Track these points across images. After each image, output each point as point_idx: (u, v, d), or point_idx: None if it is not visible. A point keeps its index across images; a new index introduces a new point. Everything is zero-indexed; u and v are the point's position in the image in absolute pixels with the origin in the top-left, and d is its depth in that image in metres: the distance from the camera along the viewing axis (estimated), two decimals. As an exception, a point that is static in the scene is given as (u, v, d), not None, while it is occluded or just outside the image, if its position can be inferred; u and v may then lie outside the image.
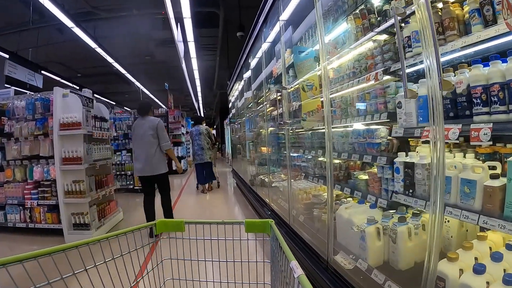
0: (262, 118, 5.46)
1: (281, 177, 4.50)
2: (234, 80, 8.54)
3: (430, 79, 1.47)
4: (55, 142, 4.11)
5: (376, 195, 2.22)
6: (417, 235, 1.95)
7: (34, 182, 4.56)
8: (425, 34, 1.49)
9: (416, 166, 1.74)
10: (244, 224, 1.33)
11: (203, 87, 15.56)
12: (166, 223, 1.39)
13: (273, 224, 1.28)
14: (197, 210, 6.13)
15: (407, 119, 1.84)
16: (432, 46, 1.41)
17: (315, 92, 2.90)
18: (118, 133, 8.36)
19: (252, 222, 1.33)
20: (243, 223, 1.33)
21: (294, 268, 0.83)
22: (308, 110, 2.84)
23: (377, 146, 2.25)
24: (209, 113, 32.00)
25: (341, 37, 2.58)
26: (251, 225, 1.33)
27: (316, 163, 3.23)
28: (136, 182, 7.90)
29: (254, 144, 6.20)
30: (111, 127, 5.12)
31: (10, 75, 6.65)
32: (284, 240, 1.07)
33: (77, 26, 6.72)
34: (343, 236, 2.36)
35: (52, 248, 0.95)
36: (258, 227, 1.32)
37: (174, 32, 6.23)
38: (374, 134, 2.33)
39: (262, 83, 4.92)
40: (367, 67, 2.35)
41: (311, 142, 3.33)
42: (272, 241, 1.24)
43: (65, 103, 4.20)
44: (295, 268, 0.82)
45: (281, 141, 4.42)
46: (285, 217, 3.43)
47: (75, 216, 4.12)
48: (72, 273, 1.00)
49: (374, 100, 2.30)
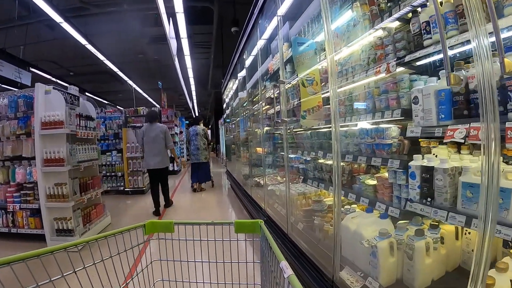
0: (257, 117, 5.24)
1: (278, 180, 4.26)
2: (228, 78, 8.27)
3: (480, 63, 1.20)
4: (36, 142, 3.84)
5: (387, 203, 2.00)
6: (436, 250, 1.73)
7: (16, 184, 4.28)
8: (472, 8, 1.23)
9: (436, 171, 1.53)
10: (233, 225, 1.33)
11: (197, 86, 15.31)
12: (155, 224, 1.37)
13: (262, 224, 1.28)
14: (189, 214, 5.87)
15: (425, 117, 1.61)
16: (483, 23, 1.17)
17: (316, 88, 2.67)
18: (108, 132, 8.07)
19: (242, 222, 1.33)
20: (233, 223, 1.33)
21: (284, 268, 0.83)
22: (308, 108, 2.62)
23: (388, 147, 2.03)
24: (204, 113, 31.72)
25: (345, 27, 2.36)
26: (240, 225, 1.33)
27: (316, 165, 3.00)
28: (126, 184, 7.63)
29: (248, 145, 5.94)
30: (98, 126, 4.84)
31: (-5, 73, 6.35)
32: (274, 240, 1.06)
33: (66, 21, 6.42)
34: (349, 249, 2.13)
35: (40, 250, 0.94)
36: (248, 227, 1.32)
37: (165, 27, 5.96)
38: (384, 134, 2.11)
39: (257, 81, 4.68)
40: (376, 58, 2.13)
41: (311, 142, 3.11)
42: (262, 241, 1.24)
43: (48, 101, 3.92)
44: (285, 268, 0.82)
45: (278, 142, 4.18)
46: (283, 225, 3.18)
47: (58, 222, 3.85)
48: (61, 275, 0.99)
49: (384, 96, 2.07)
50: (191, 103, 21.04)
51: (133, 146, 7.50)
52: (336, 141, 2.12)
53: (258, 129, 5.02)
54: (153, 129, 5.58)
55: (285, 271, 0.81)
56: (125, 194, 7.66)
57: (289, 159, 3.67)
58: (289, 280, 0.76)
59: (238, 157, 7.97)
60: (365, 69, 2.18)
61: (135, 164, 7.59)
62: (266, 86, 4.48)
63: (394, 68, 1.85)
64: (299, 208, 3.04)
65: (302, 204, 3.05)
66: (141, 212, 5.92)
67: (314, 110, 2.60)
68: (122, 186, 7.80)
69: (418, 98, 1.66)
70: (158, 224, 1.37)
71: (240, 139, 7.26)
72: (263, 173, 4.42)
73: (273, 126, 4.27)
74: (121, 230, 1.25)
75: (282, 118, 2.99)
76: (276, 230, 3.27)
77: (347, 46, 2.31)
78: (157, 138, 5.54)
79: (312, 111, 2.60)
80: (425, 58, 1.78)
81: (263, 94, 4.43)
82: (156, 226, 1.37)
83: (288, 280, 0.77)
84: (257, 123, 5.08)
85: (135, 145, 7.50)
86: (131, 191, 7.63)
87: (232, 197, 7.13)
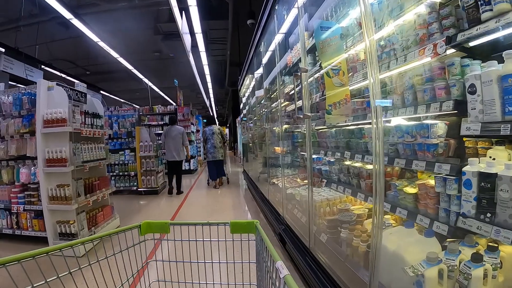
0: (275, 114, 4.87)
1: (297, 182, 3.86)
2: (244, 74, 7.89)
3: None
4: (38, 141, 3.61)
5: (431, 216, 1.62)
6: (495, 278, 1.34)
7: (21, 184, 4.08)
8: None
9: (501, 180, 1.18)
10: (229, 225, 1.32)
11: (214, 84, 15.08)
12: (151, 224, 1.35)
13: (258, 224, 1.27)
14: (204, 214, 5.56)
15: (486, 110, 1.27)
16: None
17: (343, 79, 2.27)
18: (121, 131, 7.87)
19: (238, 223, 1.31)
20: (228, 224, 1.32)
21: (279, 268, 0.82)
22: (334, 101, 2.22)
23: (434, 148, 1.64)
24: (221, 112, 31.63)
25: (376, 5, 1.97)
26: (236, 226, 1.32)
27: (342, 167, 2.61)
28: (139, 184, 7.41)
29: (266, 144, 5.56)
30: (106, 124, 4.58)
31: (5, 71, 6.22)
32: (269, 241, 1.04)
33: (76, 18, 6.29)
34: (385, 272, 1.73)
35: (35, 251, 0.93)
36: (244, 228, 1.31)
37: (177, 21, 5.66)
38: (429, 132, 1.71)
39: (275, 76, 4.29)
40: (417, 39, 1.74)
41: (335, 141, 2.72)
42: (258, 241, 1.23)
43: (51, 97, 3.69)
44: (281, 268, 0.81)
45: (297, 140, 3.79)
46: (304, 237, 2.76)
47: (61, 225, 3.60)
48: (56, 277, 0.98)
49: (429, 85, 1.67)
50: (208, 101, 20.86)
51: (146, 145, 7.26)
52: (378, 140, 1.71)
53: (276, 127, 4.66)
54: (173, 130, 7.21)
55: (281, 271, 0.80)
56: (138, 194, 7.44)
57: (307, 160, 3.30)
58: (285, 280, 0.76)
59: (255, 156, 7.63)
60: (403, 54, 1.79)
61: (148, 163, 7.33)
62: (285, 81, 4.10)
63: (443, 49, 1.47)
64: (322, 216, 2.65)
65: (325, 212, 2.66)
66: (153, 213, 5.67)
67: (341, 104, 2.21)
68: (135, 186, 7.58)
69: (475, 87, 1.30)
70: (153, 224, 1.35)
71: (257, 138, 6.96)
72: (281, 174, 4.04)
73: (292, 124, 3.88)
74: (116, 230, 1.24)
75: (304, 112, 2.57)
76: (296, 242, 2.86)
77: (379, 27, 1.93)
78: (176, 137, 7.13)
79: (339, 105, 2.21)
80: (481, 37, 1.38)
81: (282, 89, 4.05)
82: (152, 226, 1.35)
83: (284, 280, 0.76)
84: (275, 121, 4.71)
85: (148, 143, 7.28)
86: (144, 191, 7.40)
87: (249, 198, 6.78)
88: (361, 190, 2.33)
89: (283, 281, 0.76)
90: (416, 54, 1.64)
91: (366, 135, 2.36)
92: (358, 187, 2.40)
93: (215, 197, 7.17)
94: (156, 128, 11.43)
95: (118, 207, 4.92)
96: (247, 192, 7.55)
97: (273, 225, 3.87)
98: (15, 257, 0.89)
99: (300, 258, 2.49)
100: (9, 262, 0.87)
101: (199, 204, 6.42)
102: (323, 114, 2.83)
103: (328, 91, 2.28)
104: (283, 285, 0.76)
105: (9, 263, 0.87)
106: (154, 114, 11.46)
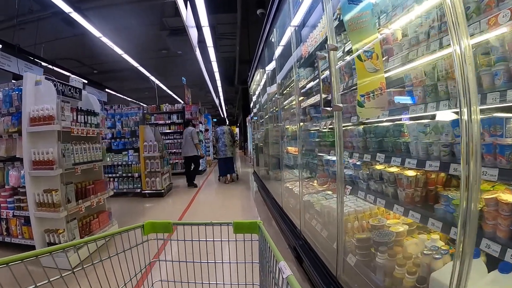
0: (289, 111, 4.39)
1: (315, 187, 3.38)
2: (255, 67, 7.37)
3: None
4: (24, 141, 3.23)
5: (503, 242, 1.16)
6: None
7: (11, 188, 3.73)
8: None
9: None
10: (232, 225, 1.30)
11: (224, 83, 14.66)
12: (154, 224, 1.34)
13: (261, 224, 1.24)
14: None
15: None
16: None
17: (377, 63, 1.81)
18: (124, 130, 7.49)
19: (240, 223, 1.29)
20: (231, 223, 1.30)
21: (282, 268, 0.80)
22: (367, 91, 1.76)
23: (510, 150, 1.18)
24: (231, 111, 31.20)
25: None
26: (239, 226, 1.29)
27: (373, 173, 2.14)
28: (143, 186, 7.01)
29: (278, 143, 5.06)
30: (102, 122, 4.18)
31: (2, 68, 5.90)
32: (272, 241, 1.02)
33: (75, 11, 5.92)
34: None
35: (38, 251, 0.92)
36: (247, 228, 1.28)
37: (181, 12, 5.24)
38: (503, 129, 1.26)
39: (291, 67, 3.79)
40: (479, 8, 1.28)
41: (363, 141, 2.25)
42: (261, 241, 1.21)
43: (39, 93, 3.30)
44: (284, 268, 0.80)
45: (315, 139, 3.30)
46: (328, 260, 2.24)
47: (49, 234, 3.22)
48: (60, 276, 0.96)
49: (502, 65, 1.20)
50: (218, 100, 20.45)
51: (151, 144, 6.87)
52: (472, 142, 1.17)
53: (290, 125, 4.19)
54: (186, 131, 8.57)
55: (284, 271, 0.78)
56: (142, 197, 7.04)
57: (328, 162, 2.82)
58: (287, 280, 0.74)
59: (266, 157, 7.15)
60: (459, 29, 1.30)
61: (153, 164, 6.94)
62: (300, 74, 3.63)
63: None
64: (348, 232, 2.17)
65: (353, 227, 2.18)
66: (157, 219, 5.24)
67: (376, 95, 1.74)
68: (139, 188, 7.19)
69: None
70: (156, 224, 1.35)
71: (269, 137, 6.44)
72: (298, 178, 3.55)
73: (308, 121, 3.42)
74: (120, 230, 1.22)
75: (334, 103, 2.06)
76: (317, 264, 2.34)
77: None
78: (187, 137, 8.44)
79: (373, 95, 1.74)
80: None
81: (297, 83, 3.58)
82: (155, 226, 1.34)
83: (287, 280, 0.74)
84: (289, 119, 4.24)
85: (153, 143, 6.89)
86: (148, 194, 7.00)
87: (259, 201, 6.32)
88: (398, 202, 1.87)
89: (286, 281, 0.74)
90: (484, 24, 1.17)
91: (406, 134, 1.90)
92: (394, 198, 1.94)
93: (223, 201, 6.74)
94: (163, 127, 11.08)
95: (120, 211, 4.58)
96: (257, 195, 7.10)
97: (287, 237, 3.39)
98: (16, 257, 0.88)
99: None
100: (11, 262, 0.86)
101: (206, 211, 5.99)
102: (346, 109, 2.36)
103: (361, 78, 1.81)
104: (286, 285, 0.74)
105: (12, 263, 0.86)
106: (161, 112, 11.11)
